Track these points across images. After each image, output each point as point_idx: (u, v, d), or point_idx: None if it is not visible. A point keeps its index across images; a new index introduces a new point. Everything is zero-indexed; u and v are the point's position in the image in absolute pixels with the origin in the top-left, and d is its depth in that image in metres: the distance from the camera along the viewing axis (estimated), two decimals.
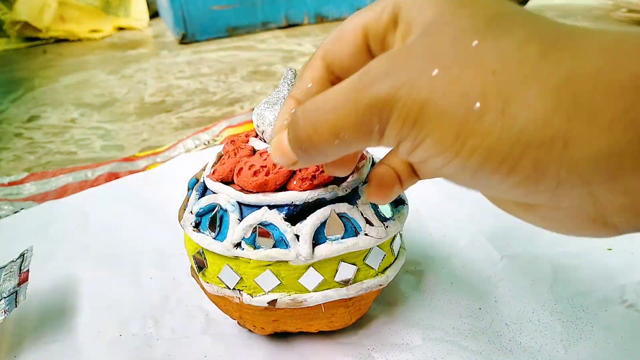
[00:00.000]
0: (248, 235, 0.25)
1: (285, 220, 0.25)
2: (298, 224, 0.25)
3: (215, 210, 0.26)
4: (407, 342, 0.30)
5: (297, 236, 0.25)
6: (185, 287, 0.35)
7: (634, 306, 0.31)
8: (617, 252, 0.36)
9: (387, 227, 0.27)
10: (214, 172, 0.28)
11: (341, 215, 0.26)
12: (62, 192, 0.52)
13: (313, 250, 0.25)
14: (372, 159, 0.30)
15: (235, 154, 0.28)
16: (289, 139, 0.19)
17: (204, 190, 0.28)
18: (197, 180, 0.30)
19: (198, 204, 0.27)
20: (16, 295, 0.30)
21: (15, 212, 0.48)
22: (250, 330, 0.30)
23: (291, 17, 1.47)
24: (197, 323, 0.32)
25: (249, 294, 0.26)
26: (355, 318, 0.30)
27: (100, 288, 0.36)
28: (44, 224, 0.45)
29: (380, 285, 0.28)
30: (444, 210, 0.43)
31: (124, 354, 0.30)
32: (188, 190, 0.31)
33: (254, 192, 0.26)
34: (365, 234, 0.26)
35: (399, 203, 0.29)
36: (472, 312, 0.31)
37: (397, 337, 0.30)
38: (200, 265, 0.28)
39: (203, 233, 0.26)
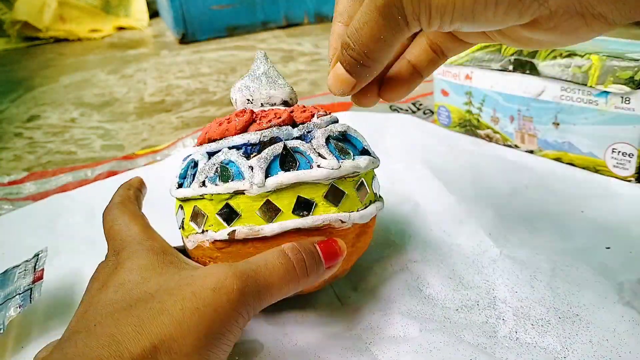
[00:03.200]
0: (211, 174, 0.28)
1: (243, 156, 0.27)
2: (253, 158, 0.27)
3: (189, 167, 0.30)
4: (404, 334, 0.30)
5: (252, 167, 0.27)
6: None
7: (631, 304, 0.31)
8: (616, 250, 0.36)
9: (341, 161, 0.28)
10: (197, 143, 0.31)
11: (295, 151, 0.28)
12: (62, 192, 0.52)
13: (264, 179, 0.26)
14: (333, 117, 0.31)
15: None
16: (344, 63, 0.23)
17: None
18: None
19: (180, 169, 0.31)
20: (31, 292, 0.31)
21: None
22: None
23: (291, 17, 1.47)
24: None
25: (214, 231, 0.28)
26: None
27: None
28: (51, 218, 0.45)
29: (342, 221, 0.28)
30: (443, 206, 0.43)
31: None
32: None
33: (219, 139, 0.29)
34: (318, 166, 0.27)
35: (363, 153, 0.30)
36: (469, 307, 0.32)
37: (394, 329, 0.30)
38: (180, 220, 0.30)
39: (182, 189, 0.29)
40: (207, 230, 0.28)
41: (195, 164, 0.29)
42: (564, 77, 0.46)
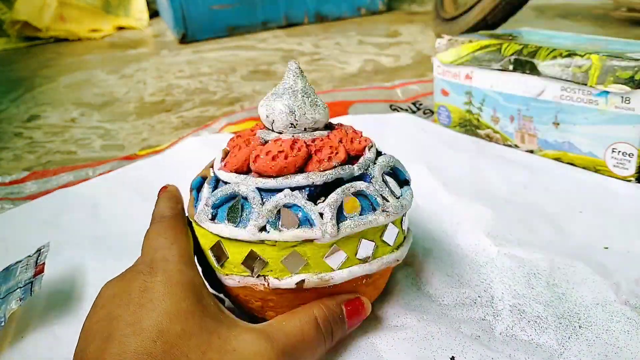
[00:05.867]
0: (273, 218, 0.26)
1: (308, 200, 0.26)
2: (321, 203, 0.26)
3: (236, 199, 0.27)
4: (403, 323, 0.30)
5: (321, 214, 0.26)
6: None
7: (629, 303, 0.31)
8: (614, 250, 0.36)
9: (400, 203, 0.28)
10: (225, 165, 0.28)
11: (360, 193, 0.27)
12: None
13: (338, 227, 0.26)
14: (375, 146, 0.31)
15: (247, 145, 0.29)
16: None
17: (217, 183, 0.29)
18: (202, 179, 0.30)
19: (214, 196, 0.27)
20: (32, 285, 0.31)
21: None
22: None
23: (291, 17, 1.47)
24: None
25: (276, 278, 0.26)
26: (375, 297, 0.31)
27: (106, 276, 0.36)
28: (54, 214, 0.46)
29: (397, 260, 0.29)
30: (442, 205, 0.43)
31: None
32: (191, 191, 0.31)
33: (274, 177, 0.26)
34: (383, 210, 0.27)
35: (404, 183, 0.31)
36: (467, 305, 0.32)
37: (392, 320, 0.31)
38: (219, 257, 0.28)
39: (222, 224, 0.27)
40: (265, 276, 0.27)
41: (241, 197, 0.27)
42: (564, 77, 0.46)
